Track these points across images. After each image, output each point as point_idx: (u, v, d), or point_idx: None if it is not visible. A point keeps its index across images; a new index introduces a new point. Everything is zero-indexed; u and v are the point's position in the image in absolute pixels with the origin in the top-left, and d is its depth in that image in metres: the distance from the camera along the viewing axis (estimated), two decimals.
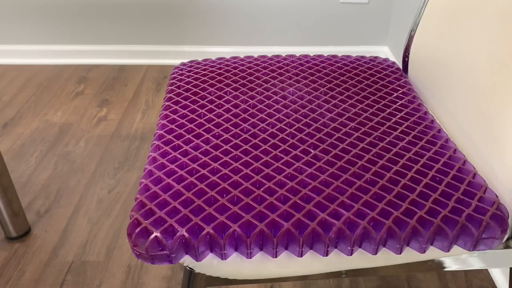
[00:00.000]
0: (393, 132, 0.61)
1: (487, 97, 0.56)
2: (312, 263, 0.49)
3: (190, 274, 0.51)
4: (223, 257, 0.47)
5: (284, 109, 0.65)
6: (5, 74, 1.69)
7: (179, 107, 0.66)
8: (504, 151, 0.51)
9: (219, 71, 0.76)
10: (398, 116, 0.64)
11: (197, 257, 0.46)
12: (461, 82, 0.62)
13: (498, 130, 0.53)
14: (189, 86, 0.71)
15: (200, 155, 0.55)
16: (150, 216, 0.47)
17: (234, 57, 0.81)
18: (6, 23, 1.70)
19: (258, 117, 0.63)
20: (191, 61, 0.80)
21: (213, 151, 0.56)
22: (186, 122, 0.62)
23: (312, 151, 0.57)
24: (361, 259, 0.49)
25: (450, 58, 0.65)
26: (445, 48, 0.67)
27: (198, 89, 0.70)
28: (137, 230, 0.46)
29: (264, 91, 0.70)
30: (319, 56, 0.82)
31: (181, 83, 0.72)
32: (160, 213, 0.47)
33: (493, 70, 0.55)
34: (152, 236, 0.45)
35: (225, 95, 0.68)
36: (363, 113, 0.65)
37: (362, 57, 0.82)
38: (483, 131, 0.56)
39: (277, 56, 0.81)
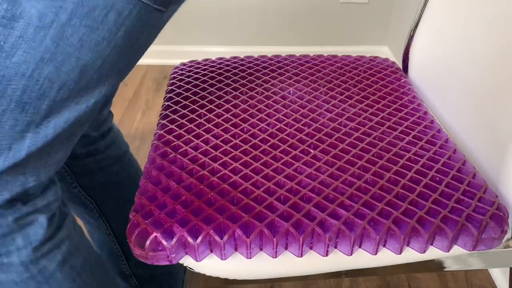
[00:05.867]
0: (393, 132, 0.61)
1: (488, 96, 0.56)
2: (312, 263, 0.49)
3: (190, 274, 0.51)
4: (223, 257, 0.47)
5: (284, 109, 0.65)
6: None
7: (179, 107, 0.66)
8: (505, 150, 0.52)
9: (219, 71, 0.76)
10: (398, 116, 0.64)
11: (197, 257, 0.46)
12: (461, 81, 0.62)
13: (498, 129, 0.53)
14: (189, 86, 0.71)
15: (200, 155, 0.55)
16: (150, 216, 0.47)
17: (234, 57, 0.81)
18: None
19: (258, 117, 0.63)
20: (191, 61, 0.80)
21: (213, 151, 0.56)
22: (186, 122, 0.62)
23: (312, 151, 0.57)
24: (361, 259, 0.49)
25: (450, 58, 0.65)
26: (445, 48, 0.67)
27: (198, 89, 0.70)
28: (137, 231, 0.46)
29: (264, 91, 0.70)
30: (319, 56, 0.82)
31: (181, 83, 0.72)
32: (161, 213, 0.47)
33: (493, 69, 0.55)
34: (152, 236, 0.45)
35: (225, 95, 0.68)
36: (363, 113, 0.65)
37: (362, 57, 0.82)
38: (483, 130, 0.57)
39: (277, 56, 0.81)
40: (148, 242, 0.45)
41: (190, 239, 0.45)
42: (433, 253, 0.49)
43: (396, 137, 0.60)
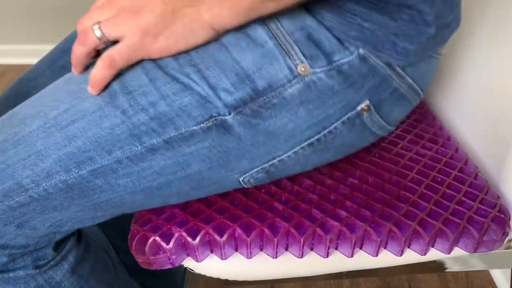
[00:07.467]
0: (393, 131, 0.60)
1: (490, 96, 0.56)
2: (312, 264, 0.49)
3: (190, 275, 0.51)
4: (223, 256, 0.46)
5: None
6: (5, 74, 1.69)
7: None
8: (507, 150, 0.51)
9: None
10: None
11: (197, 257, 0.46)
12: (463, 81, 0.62)
13: (501, 129, 0.53)
14: None
15: None
16: (149, 223, 0.47)
17: None
18: (7, 23, 1.70)
19: None
20: None
21: None
22: None
23: None
24: (362, 260, 0.49)
25: (450, 56, 0.65)
26: (445, 46, 0.67)
27: None
28: (136, 238, 0.45)
29: None
30: None
31: None
32: (159, 218, 0.47)
33: (495, 69, 0.55)
34: (151, 240, 0.45)
35: None
36: None
37: None
38: (486, 130, 0.56)
39: None
40: (147, 247, 0.45)
41: (189, 239, 0.45)
42: (434, 254, 0.48)
43: (397, 136, 0.59)
